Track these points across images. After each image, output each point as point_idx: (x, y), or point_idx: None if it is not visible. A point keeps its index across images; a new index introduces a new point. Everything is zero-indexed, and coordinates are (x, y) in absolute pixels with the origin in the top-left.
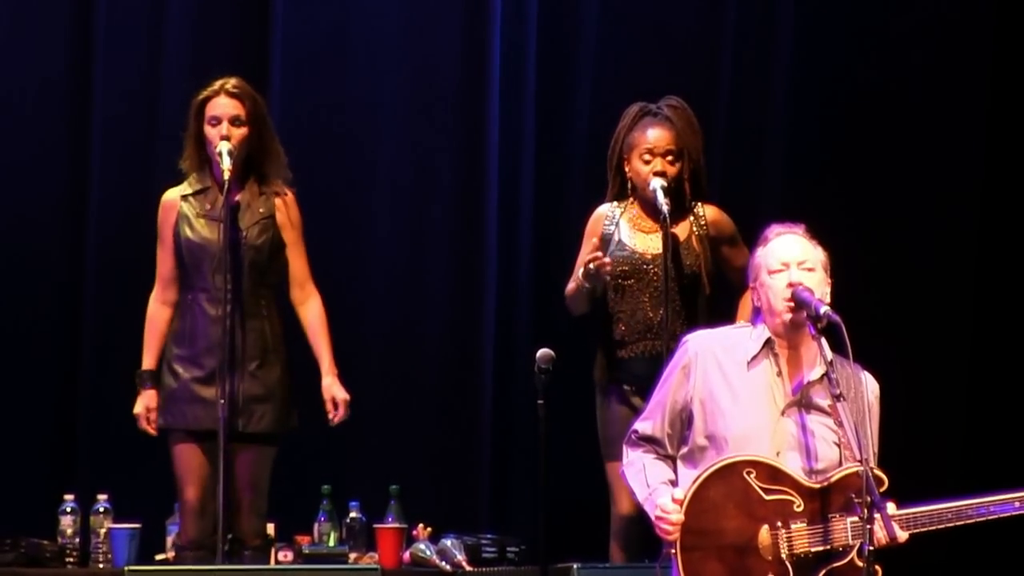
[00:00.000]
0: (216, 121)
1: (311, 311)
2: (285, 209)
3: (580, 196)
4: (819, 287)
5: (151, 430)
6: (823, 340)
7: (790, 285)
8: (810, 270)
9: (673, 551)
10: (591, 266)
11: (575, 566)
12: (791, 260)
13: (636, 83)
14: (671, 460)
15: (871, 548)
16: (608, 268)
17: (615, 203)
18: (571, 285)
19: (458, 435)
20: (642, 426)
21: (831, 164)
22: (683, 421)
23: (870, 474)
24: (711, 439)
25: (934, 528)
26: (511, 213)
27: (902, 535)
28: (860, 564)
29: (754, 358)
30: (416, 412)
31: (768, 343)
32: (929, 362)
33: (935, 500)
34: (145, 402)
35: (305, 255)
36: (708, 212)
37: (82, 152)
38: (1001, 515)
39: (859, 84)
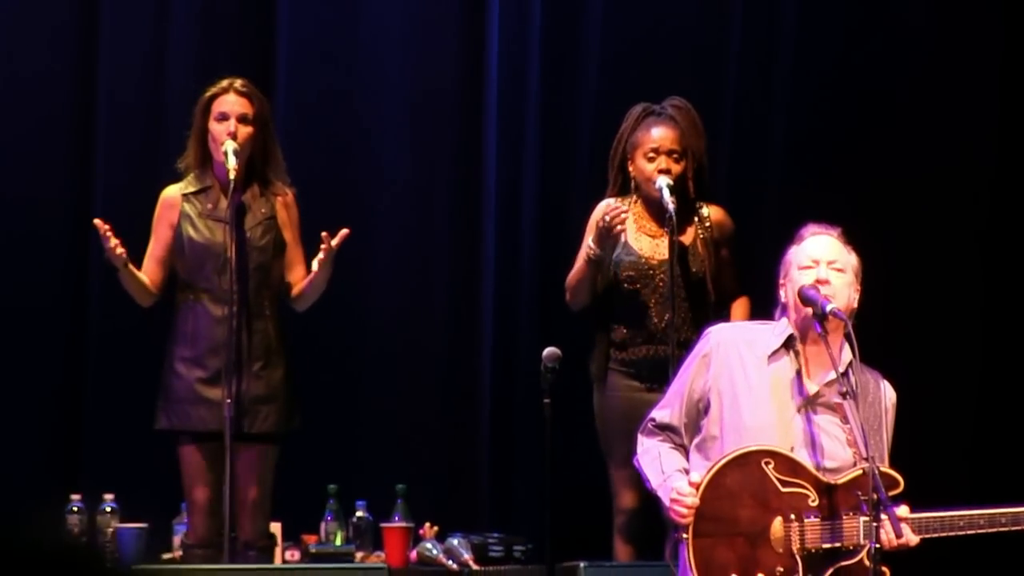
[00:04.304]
0: (223, 117)
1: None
2: (285, 209)
3: (583, 192)
4: (846, 289)
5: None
6: (843, 340)
7: (817, 282)
8: (840, 271)
9: (685, 535)
10: (607, 217)
11: (581, 565)
12: (821, 258)
13: (640, 83)
14: (685, 450)
15: (877, 546)
16: (624, 217)
17: (619, 199)
18: (577, 264)
19: (464, 434)
20: (659, 414)
21: (837, 163)
22: (699, 411)
23: (877, 473)
24: (724, 430)
25: (945, 535)
26: (513, 213)
27: (913, 538)
28: (870, 565)
29: (774, 353)
30: (422, 411)
31: (790, 340)
32: (940, 368)
33: (948, 507)
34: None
35: (303, 252)
36: (713, 213)
37: (86, 149)
38: (1014, 528)
39: (864, 83)
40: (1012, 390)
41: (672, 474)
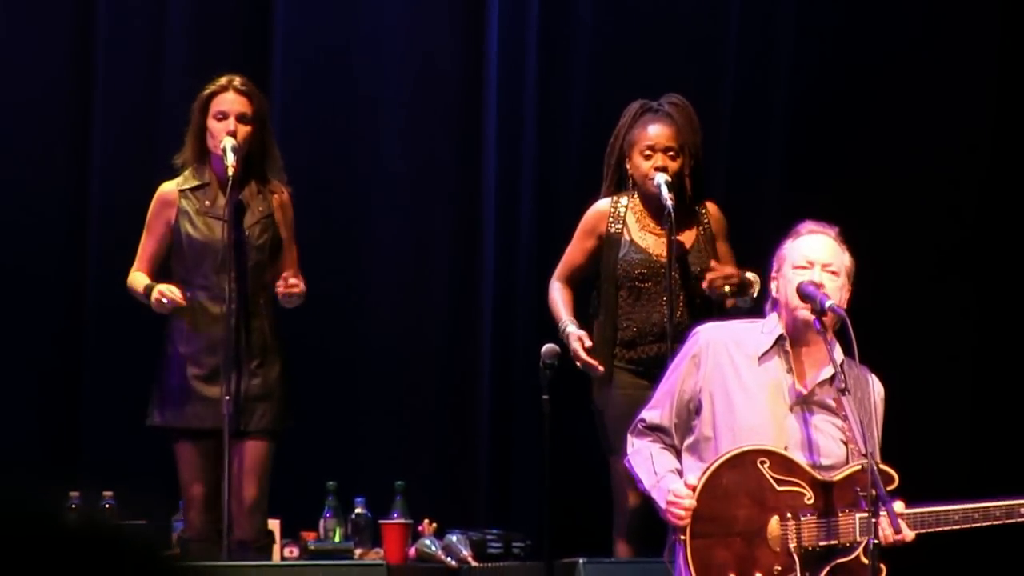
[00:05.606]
0: (223, 116)
1: None
2: (280, 208)
3: (580, 191)
4: (837, 292)
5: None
6: (833, 338)
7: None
8: (834, 274)
9: (682, 537)
10: (579, 364)
11: (580, 561)
12: (817, 260)
13: (635, 77)
14: (676, 450)
15: (876, 543)
16: (600, 375)
17: (614, 198)
18: (558, 316)
19: (463, 430)
20: (649, 415)
21: (835, 157)
22: (690, 411)
23: (876, 469)
24: (717, 431)
25: (941, 529)
26: (511, 209)
27: (909, 533)
28: (866, 561)
29: (765, 353)
30: (421, 407)
31: (780, 339)
32: (935, 362)
33: (943, 502)
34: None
35: (296, 253)
36: (710, 208)
37: (83, 144)
38: (1008, 520)
39: (863, 78)
40: (1007, 382)
41: (666, 475)
